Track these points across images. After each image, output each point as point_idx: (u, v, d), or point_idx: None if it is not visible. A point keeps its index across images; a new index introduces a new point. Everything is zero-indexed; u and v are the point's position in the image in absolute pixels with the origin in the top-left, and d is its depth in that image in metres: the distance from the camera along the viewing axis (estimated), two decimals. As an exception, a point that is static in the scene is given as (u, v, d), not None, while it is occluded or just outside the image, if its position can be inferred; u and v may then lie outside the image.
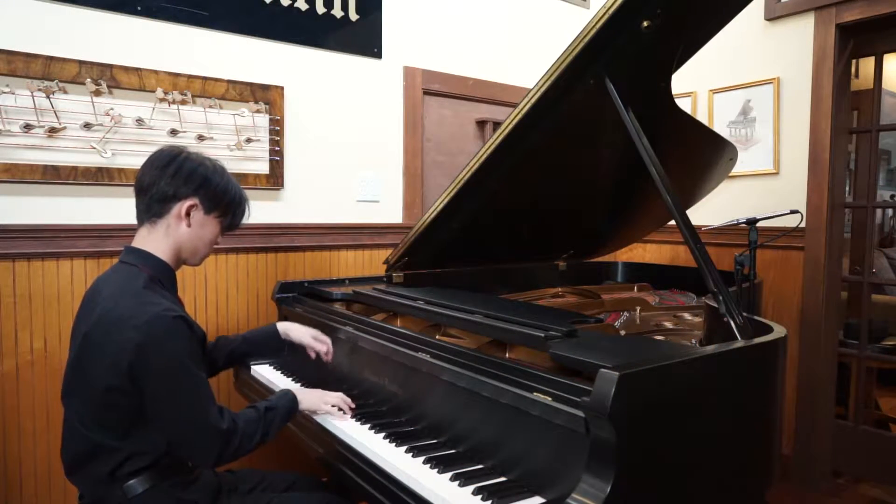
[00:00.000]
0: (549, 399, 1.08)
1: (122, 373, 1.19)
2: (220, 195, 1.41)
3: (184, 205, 1.36)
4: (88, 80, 2.03)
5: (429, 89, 2.92)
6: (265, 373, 1.96)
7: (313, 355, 1.77)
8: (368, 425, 1.46)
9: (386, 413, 1.54)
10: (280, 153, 2.47)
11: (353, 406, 1.56)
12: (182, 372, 1.23)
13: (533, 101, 1.61)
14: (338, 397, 1.55)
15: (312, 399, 1.52)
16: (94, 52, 2.06)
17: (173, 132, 2.20)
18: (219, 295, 2.35)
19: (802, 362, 2.83)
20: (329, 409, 1.52)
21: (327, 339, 1.78)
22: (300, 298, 2.16)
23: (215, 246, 1.49)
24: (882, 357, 3.05)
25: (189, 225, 1.38)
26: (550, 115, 1.68)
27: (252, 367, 2.03)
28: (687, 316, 2.18)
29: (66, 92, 2.00)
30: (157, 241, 1.37)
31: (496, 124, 3.06)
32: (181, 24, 2.23)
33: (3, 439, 1.95)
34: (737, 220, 2.30)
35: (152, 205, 1.35)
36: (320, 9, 2.55)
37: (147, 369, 1.20)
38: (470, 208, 1.95)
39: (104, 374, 1.21)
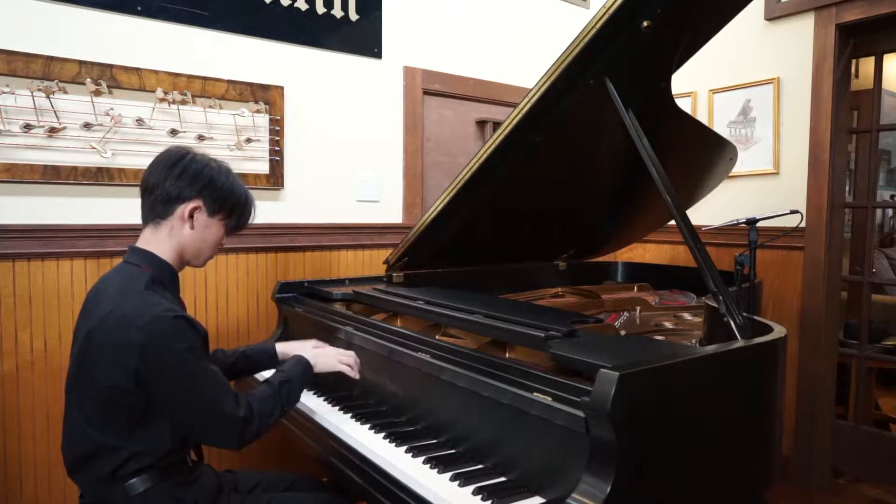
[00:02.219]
0: (549, 399, 1.08)
1: (125, 373, 1.20)
2: (225, 197, 1.41)
3: (187, 206, 1.36)
4: (88, 80, 2.03)
5: (429, 89, 2.92)
6: (266, 373, 1.95)
7: None
8: (368, 425, 1.46)
9: (386, 413, 1.54)
10: (280, 153, 2.47)
11: (360, 366, 1.59)
12: (189, 368, 1.24)
13: (533, 101, 1.61)
14: (352, 357, 1.58)
15: (326, 360, 1.55)
16: (94, 52, 2.06)
17: (173, 132, 2.20)
18: (219, 295, 2.35)
19: (802, 362, 2.83)
20: (344, 368, 1.55)
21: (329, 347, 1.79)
22: (300, 298, 2.16)
23: (220, 247, 1.49)
24: (882, 357, 3.05)
25: (192, 227, 1.38)
26: (550, 115, 1.68)
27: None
28: (687, 316, 2.18)
29: (66, 92, 2.00)
30: (160, 241, 1.37)
31: (496, 124, 3.05)
32: (181, 24, 2.23)
33: (3, 439, 1.95)
34: (737, 220, 2.30)
35: (156, 205, 1.36)
36: (320, 9, 2.55)
37: (153, 370, 1.21)
38: (470, 208, 1.95)
39: (106, 373, 1.21)
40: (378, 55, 2.75)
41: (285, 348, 1.78)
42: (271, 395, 1.37)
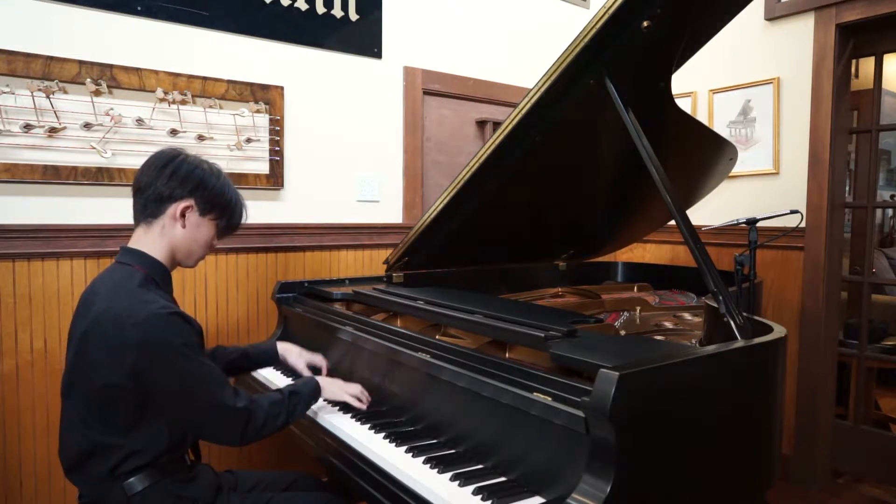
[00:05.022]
0: (549, 399, 1.08)
1: (123, 371, 1.20)
2: (216, 197, 1.42)
3: (179, 206, 1.37)
4: (88, 80, 2.03)
5: (429, 89, 2.92)
6: (265, 373, 1.96)
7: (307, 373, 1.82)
8: (368, 425, 1.46)
9: (386, 413, 1.54)
10: (280, 153, 2.46)
11: (370, 399, 1.58)
12: (187, 363, 1.25)
13: (533, 101, 1.61)
14: (358, 389, 1.58)
15: (335, 389, 1.56)
16: (94, 52, 2.06)
17: (173, 132, 2.20)
18: (219, 295, 2.35)
19: (802, 362, 2.83)
20: (350, 399, 1.55)
21: (322, 363, 1.83)
22: (300, 298, 2.16)
23: (212, 248, 1.50)
24: (882, 357, 3.05)
25: (184, 226, 1.39)
26: (550, 115, 1.68)
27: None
28: (687, 316, 2.18)
29: (66, 92, 2.00)
30: (152, 241, 1.38)
31: (496, 124, 3.06)
32: (181, 24, 2.23)
33: (3, 439, 1.95)
34: (737, 220, 2.30)
35: (148, 205, 1.37)
36: (320, 9, 2.55)
37: (152, 367, 1.21)
38: (470, 208, 1.95)
39: (103, 372, 1.22)
40: (378, 55, 2.75)
41: (285, 349, 1.84)
42: (280, 400, 1.40)
